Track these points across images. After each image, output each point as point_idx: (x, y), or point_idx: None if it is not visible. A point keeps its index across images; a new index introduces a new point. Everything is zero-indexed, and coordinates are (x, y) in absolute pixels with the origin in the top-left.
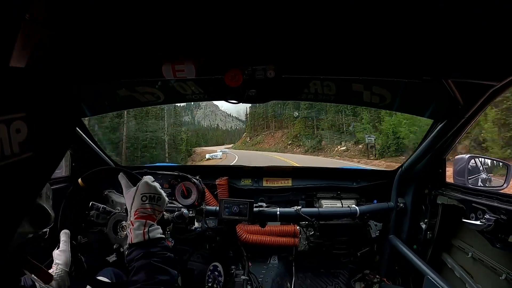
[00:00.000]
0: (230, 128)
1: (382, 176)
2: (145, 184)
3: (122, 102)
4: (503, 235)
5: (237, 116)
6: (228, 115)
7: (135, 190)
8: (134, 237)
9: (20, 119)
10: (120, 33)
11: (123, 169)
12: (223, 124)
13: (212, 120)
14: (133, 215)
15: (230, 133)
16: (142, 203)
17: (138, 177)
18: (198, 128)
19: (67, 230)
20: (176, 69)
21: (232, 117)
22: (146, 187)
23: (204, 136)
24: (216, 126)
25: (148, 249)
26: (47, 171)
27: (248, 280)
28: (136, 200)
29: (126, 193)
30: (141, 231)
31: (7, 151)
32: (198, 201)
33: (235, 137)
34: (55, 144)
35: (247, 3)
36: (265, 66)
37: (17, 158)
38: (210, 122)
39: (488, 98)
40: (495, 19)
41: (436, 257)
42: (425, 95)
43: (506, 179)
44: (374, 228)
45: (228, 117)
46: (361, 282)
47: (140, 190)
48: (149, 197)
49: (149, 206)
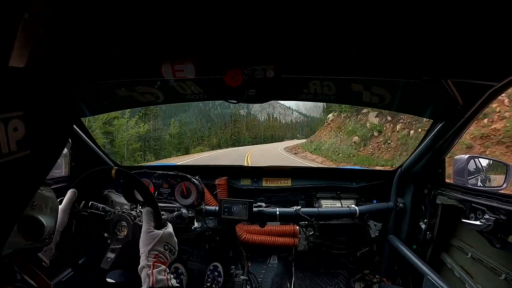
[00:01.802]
0: (290, 121)
1: (382, 176)
2: (170, 235)
3: (122, 102)
4: (503, 235)
5: (296, 109)
6: (287, 107)
7: (160, 235)
8: (156, 281)
9: (17, 117)
10: (120, 32)
11: (155, 203)
12: (283, 117)
13: (270, 112)
14: (152, 257)
15: (291, 127)
16: (164, 250)
17: (161, 221)
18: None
19: (75, 190)
20: (175, 69)
21: (292, 109)
22: (171, 238)
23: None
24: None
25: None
26: (45, 169)
27: (248, 280)
28: (158, 244)
29: (148, 233)
30: (163, 277)
31: (4, 149)
32: (198, 201)
33: (296, 131)
34: (52, 142)
35: (247, 3)
36: (265, 66)
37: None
38: (268, 115)
39: (487, 98)
40: (494, 19)
41: (435, 257)
42: (424, 95)
43: (505, 179)
44: (374, 228)
45: (287, 110)
46: (361, 282)
47: (164, 237)
48: (170, 249)
49: (168, 255)
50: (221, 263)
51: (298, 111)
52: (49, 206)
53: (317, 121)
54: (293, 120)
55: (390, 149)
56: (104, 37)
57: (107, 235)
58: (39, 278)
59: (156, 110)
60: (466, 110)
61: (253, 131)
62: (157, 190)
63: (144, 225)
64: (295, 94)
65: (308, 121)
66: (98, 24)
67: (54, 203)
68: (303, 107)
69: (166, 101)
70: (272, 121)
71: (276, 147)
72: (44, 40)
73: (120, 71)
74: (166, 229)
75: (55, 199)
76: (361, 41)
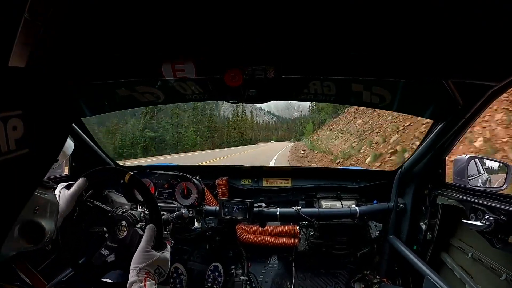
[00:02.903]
0: (262, 122)
1: (382, 176)
2: (165, 260)
3: (122, 102)
4: (503, 236)
5: (268, 110)
6: (259, 108)
7: (157, 257)
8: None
9: (16, 116)
10: (120, 32)
11: (160, 220)
12: (254, 118)
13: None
14: (143, 274)
15: (264, 129)
16: (154, 272)
17: (163, 242)
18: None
19: (86, 179)
20: (176, 69)
21: (263, 110)
22: (165, 263)
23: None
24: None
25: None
26: (43, 167)
27: (248, 280)
28: (151, 265)
29: (146, 251)
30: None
31: (3, 148)
32: (198, 201)
33: (271, 133)
34: (51, 141)
35: (247, 3)
36: (265, 66)
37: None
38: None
39: (487, 99)
40: (495, 19)
41: (436, 257)
42: (424, 96)
43: (506, 179)
44: (374, 228)
45: (259, 110)
46: (361, 283)
47: (159, 261)
48: (160, 272)
49: (155, 276)
50: (221, 263)
51: (270, 112)
52: (50, 210)
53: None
54: (266, 121)
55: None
56: (104, 37)
57: (106, 230)
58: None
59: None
60: (467, 111)
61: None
62: (157, 190)
63: (143, 242)
64: (295, 94)
65: (281, 122)
66: (98, 24)
67: (54, 206)
68: (274, 108)
69: (167, 101)
70: (246, 121)
71: (264, 152)
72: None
73: (121, 71)
74: (163, 253)
75: (56, 202)
76: (362, 41)
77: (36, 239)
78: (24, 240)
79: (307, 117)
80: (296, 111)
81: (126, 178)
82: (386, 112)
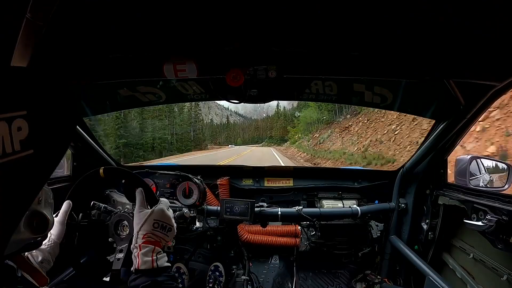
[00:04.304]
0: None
1: (384, 176)
2: (160, 211)
3: (123, 102)
4: (505, 236)
5: (235, 110)
6: (225, 108)
7: (150, 213)
8: (142, 263)
9: (21, 117)
10: (122, 32)
11: (145, 184)
12: (219, 119)
13: (204, 114)
14: (141, 238)
15: (231, 130)
16: (153, 229)
17: (155, 198)
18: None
19: (70, 202)
20: (177, 68)
21: (230, 110)
22: (161, 215)
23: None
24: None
25: (155, 278)
26: (48, 168)
27: (249, 280)
28: (147, 223)
29: (139, 212)
30: (149, 258)
31: (8, 149)
32: (199, 201)
33: (236, 135)
34: (55, 142)
35: (249, 3)
36: (267, 66)
37: (18, 155)
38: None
39: (489, 99)
40: (497, 19)
41: (437, 257)
42: (426, 95)
43: (507, 180)
44: (375, 228)
45: (225, 110)
46: (362, 283)
47: (154, 215)
48: (161, 226)
49: (159, 233)
50: (223, 263)
51: (237, 112)
52: (46, 200)
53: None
54: (230, 121)
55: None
56: (106, 37)
57: (112, 239)
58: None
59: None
60: (468, 110)
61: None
62: (159, 190)
63: (136, 206)
64: (296, 94)
65: (250, 123)
66: (101, 24)
67: (49, 194)
68: (242, 109)
69: (168, 101)
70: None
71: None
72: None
73: (122, 71)
74: (156, 206)
75: (50, 191)
76: (363, 41)
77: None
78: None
79: (284, 116)
80: (265, 113)
81: (100, 173)
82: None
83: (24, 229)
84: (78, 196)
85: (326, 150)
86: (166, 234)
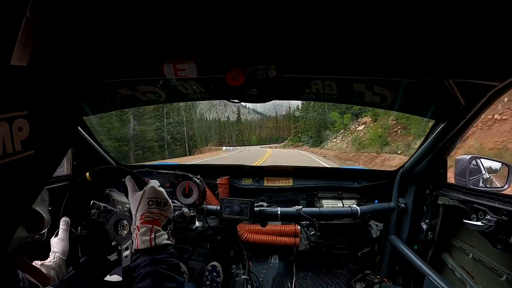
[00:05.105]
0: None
1: (383, 176)
2: (152, 189)
3: (124, 101)
4: (504, 236)
5: (253, 108)
6: (243, 106)
7: (142, 194)
8: (141, 243)
9: (22, 117)
10: (122, 32)
11: (131, 172)
12: (235, 116)
13: (220, 111)
14: (138, 219)
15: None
16: (149, 207)
17: (144, 181)
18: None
19: (67, 218)
20: (177, 68)
21: (247, 108)
22: (153, 192)
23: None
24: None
25: (155, 256)
26: (49, 169)
27: (249, 280)
28: (142, 204)
29: (132, 197)
30: (147, 237)
31: (9, 149)
32: (199, 200)
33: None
34: (57, 142)
35: (249, 3)
36: (267, 66)
37: (19, 156)
38: (217, 114)
39: (489, 99)
40: (497, 19)
41: (436, 257)
42: (426, 95)
43: (507, 180)
44: (375, 228)
45: (243, 108)
46: (362, 282)
47: (146, 195)
48: (156, 202)
49: (155, 210)
50: (222, 262)
51: (256, 110)
52: (43, 198)
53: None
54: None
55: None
56: (107, 37)
57: (115, 242)
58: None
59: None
60: (468, 111)
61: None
62: None
63: (129, 193)
64: (296, 94)
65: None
66: (101, 24)
67: (45, 192)
68: (261, 107)
69: (168, 100)
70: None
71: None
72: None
73: (123, 71)
74: (147, 186)
75: (45, 190)
76: (363, 40)
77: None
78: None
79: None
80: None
81: (87, 177)
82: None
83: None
84: (72, 208)
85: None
86: (163, 209)
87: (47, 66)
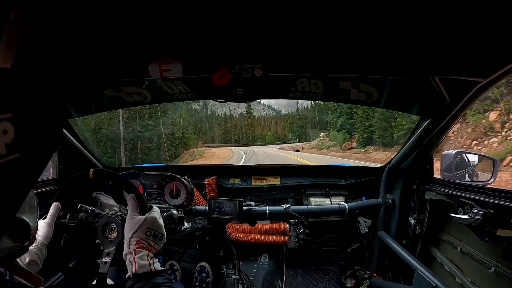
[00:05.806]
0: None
1: (370, 172)
2: (153, 220)
3: (109, 102)
4: (491, 229)
5: (268, 104)
6: (257, 102)
7: (142, 221)
8: (139, 267)
9: (7, 120)
10: (106, 32)
11: (137, 190)
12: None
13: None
14: (134, 244)
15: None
16: (146, 237)
17: (147, 206)
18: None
19: (58, 204)
20: (163, 68)
21: (262, 104)
22: (154, 223)
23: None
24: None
25: (155, 281)
26: (35, 172)
27: (239, 279)
28: (140, 230)
29: (131, 219)
30: (146, 262)
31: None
32: (187, 201)
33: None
34: (42, 145)
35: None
36: (252, 65)
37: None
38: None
39: (474, 95)
40: (480, 16)
41: (425, 251)
42: (411, 92)
43: (492, 173)
44: (363, 224)
45: (257, 104)
46: (352, 278)
47: (147, 223)
48: (153, 234)
49: (151, 242)
50: (212, 263)
51: (270, 106)
52: (30, 205)
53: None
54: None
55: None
56: (90, 37)
57: (99, 241)
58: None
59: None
60: (453, 107)
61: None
62: (146, 191)
63: (129, 212)
64: (282, 93)
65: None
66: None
67: (33, 199)
68: (276, 103)
69: (154, 101)
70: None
71: None
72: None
73: (107, 71)
74: (149, 214)
75: (34, 196)
76: (349, 39)
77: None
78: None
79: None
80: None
81: (90, 174)
82: None
83: (5, 237)
84: (67, 197)
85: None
86: (157, 243)
87: (31, 68)
